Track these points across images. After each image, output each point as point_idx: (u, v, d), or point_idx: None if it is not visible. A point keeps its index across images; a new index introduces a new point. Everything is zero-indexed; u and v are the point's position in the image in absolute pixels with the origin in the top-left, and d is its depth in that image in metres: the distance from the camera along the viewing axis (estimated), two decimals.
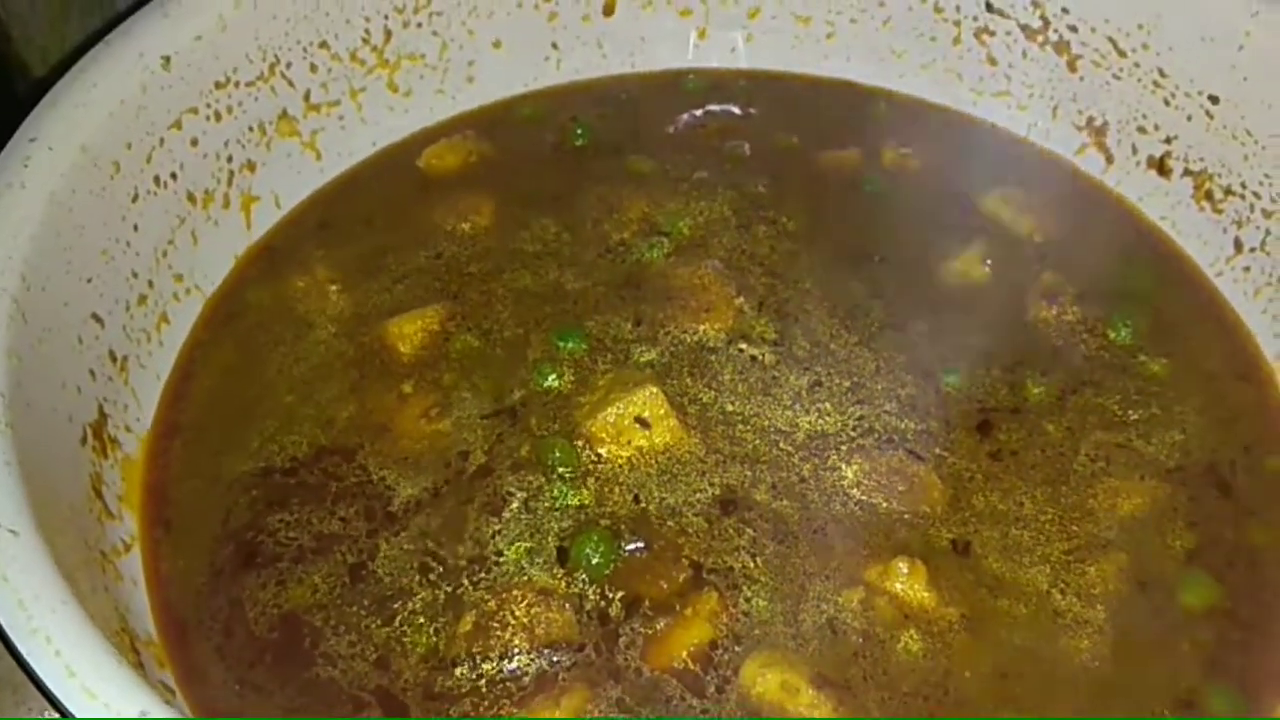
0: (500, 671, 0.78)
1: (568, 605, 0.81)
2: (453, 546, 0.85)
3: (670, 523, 0.86)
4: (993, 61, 1.18)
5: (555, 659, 0.79)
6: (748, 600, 0.82)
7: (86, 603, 0.62)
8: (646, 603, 0.82)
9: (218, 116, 1.00)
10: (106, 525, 0.81)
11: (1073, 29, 1.12)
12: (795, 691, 0.77)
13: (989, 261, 1.05)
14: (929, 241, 1.07)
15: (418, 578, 0.83)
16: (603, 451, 0.90)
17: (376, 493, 0.88)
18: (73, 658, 0.57)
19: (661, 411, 0.90)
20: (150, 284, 0.94)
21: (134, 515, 0.86)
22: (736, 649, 0.80)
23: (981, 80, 1.19)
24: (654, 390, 0.90)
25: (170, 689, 0.76)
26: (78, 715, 0.55)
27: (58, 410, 0.78)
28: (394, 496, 0.88)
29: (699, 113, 1.21)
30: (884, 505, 0.88)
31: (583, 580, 0.83)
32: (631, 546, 0.84)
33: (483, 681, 0.78)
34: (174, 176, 0.96)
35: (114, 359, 0.88)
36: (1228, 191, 1.05)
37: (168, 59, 0.94)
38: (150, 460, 0.90)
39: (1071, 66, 1.13)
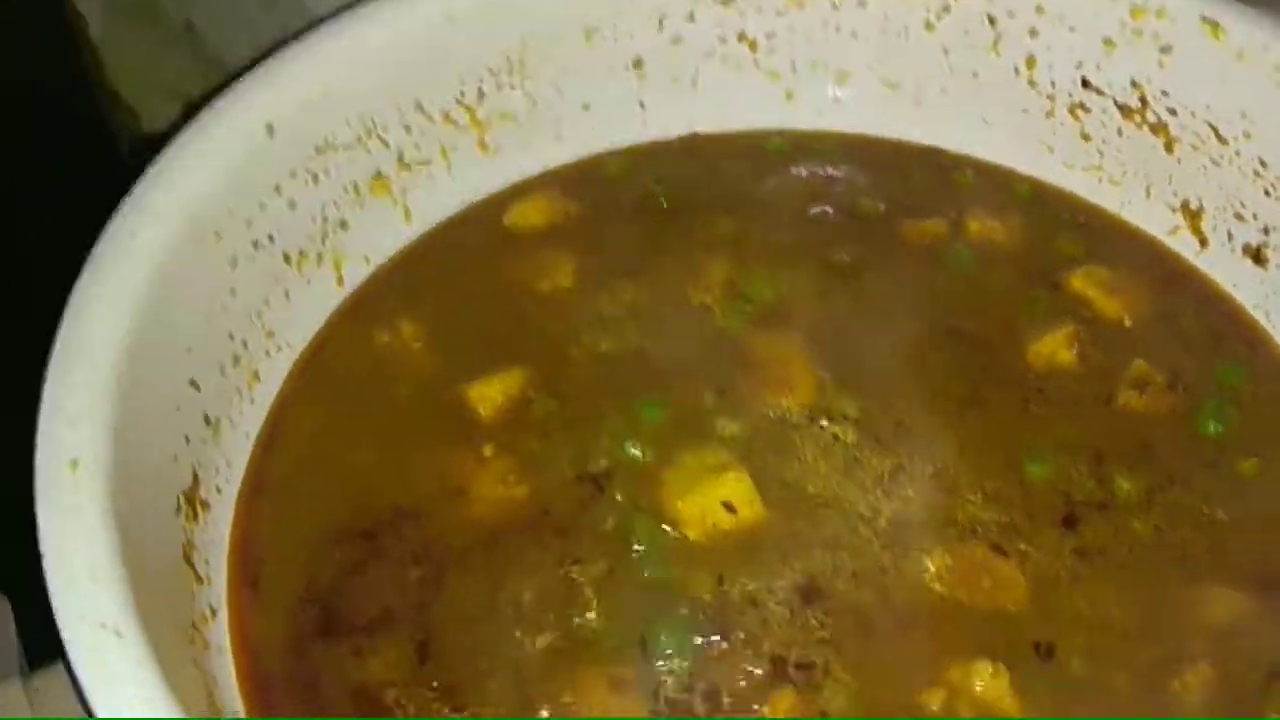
0: None
1: (644, 697, 0.81)
2: (527, 626, 0.84)
3: (751, 611, 0.85)
4: (1086, 137, 1.16)
5: None
6: (827, 699, 0.82)
7: (185, 695, 0.63)
8: (725, 698, 0.81)
9: (315, 179, 1.01)
10: (195, 592, 0.82)
11: (1172, 112, 1.10)
12: None
13: (1077, 345, 1.03)
14: (1014, 319, 1.05)
15: (487, 660, 0.83)
16: (687, 533, 0.89)
17: (449, 560, 0.88)
18: None
19: (747, 495, 0.90)
20: (245, 344, 0.95)
21: (222, 579, 0.87)
22: None
23: (1073, 154, 1.17)
24: (741, 475, 0.90)
25: None
26: None
27: (157, 483, 0.79)
28: (467, 566, 0.88)
29: (784, 175, 1.20)
30: (966, 601, 0.86)
31: (661, 670, 0.83)
32: (713, 636, 0.84)
33: None
34: (271, 239, 0.97)
35: (208, 422, 0.89)
36: None
37: (271, 126, 0.95)
38: (239, 519, 0.91)
39: (1169, 148, 1.11)
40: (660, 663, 0.83)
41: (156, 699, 0.63)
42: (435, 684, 0.82)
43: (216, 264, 0.90)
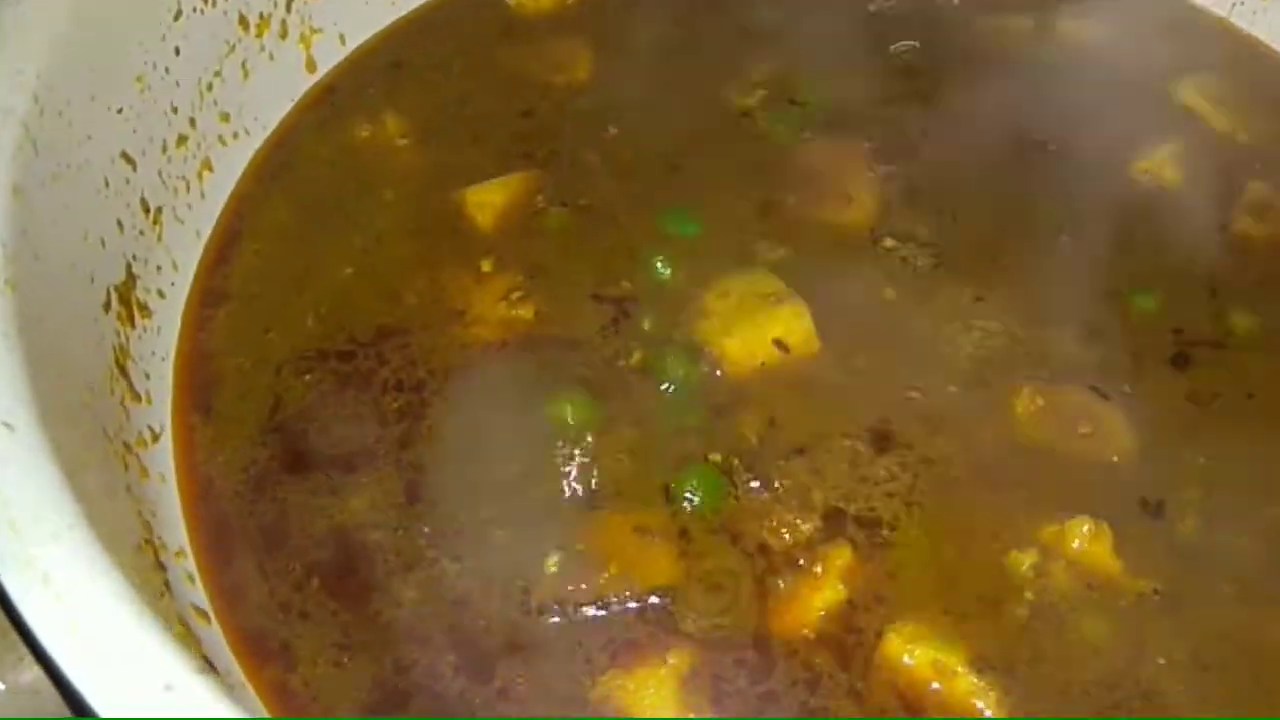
0: (595, 620, 0.65)
1: (672, 547, 0.68)
2: (534, 468, 0.71)
3: (799, 460, 0.71)
4: None
5: (658, 609, 0.65)
6: (894, 558, 0.68)
7: (102, 514, 0.48)
8: (766, 554, 0.68)
9: None
10: (131, 409, 0.68)
11: None
12: (950, 674, 0.64)
13: (1186, 163, 0.88)
14: (1113, 133, 0.90)
15: (489, 504, 0.69)
16: (728, 370, 0.75)
17: (444, 390, 0.74)
18: (78, 605, 0.43)
19: (805, 331, 0.75)
20: (192, 122, 0.80)
21: (166, 398, 0.72)
22: (877, 616, 0.66)
23: None
24: (799, 307, 0.76)
25: (204, 613, 0.63)
26: (78, 683, 0.41)
27: (76, 267, 0.64)
28: (464, 395, 0.74)
29: None
30: (1062, 451, 0.73)
31: (688, 519, 0.69)
32: (752, 484, 0.70)
33: (574, 632, 0.65)
34: None
35: (147, 210, 0.75)
36: None
37: None
38: (188, 332, 0.77)
39: None
40: (687, 510, 0.69)
41: (58, 501, 0.48)
42: (428, 529, 0.68)
43: (152, 9, 0.74)
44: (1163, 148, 0.88)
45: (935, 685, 0.64)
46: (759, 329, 0.76)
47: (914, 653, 0.64)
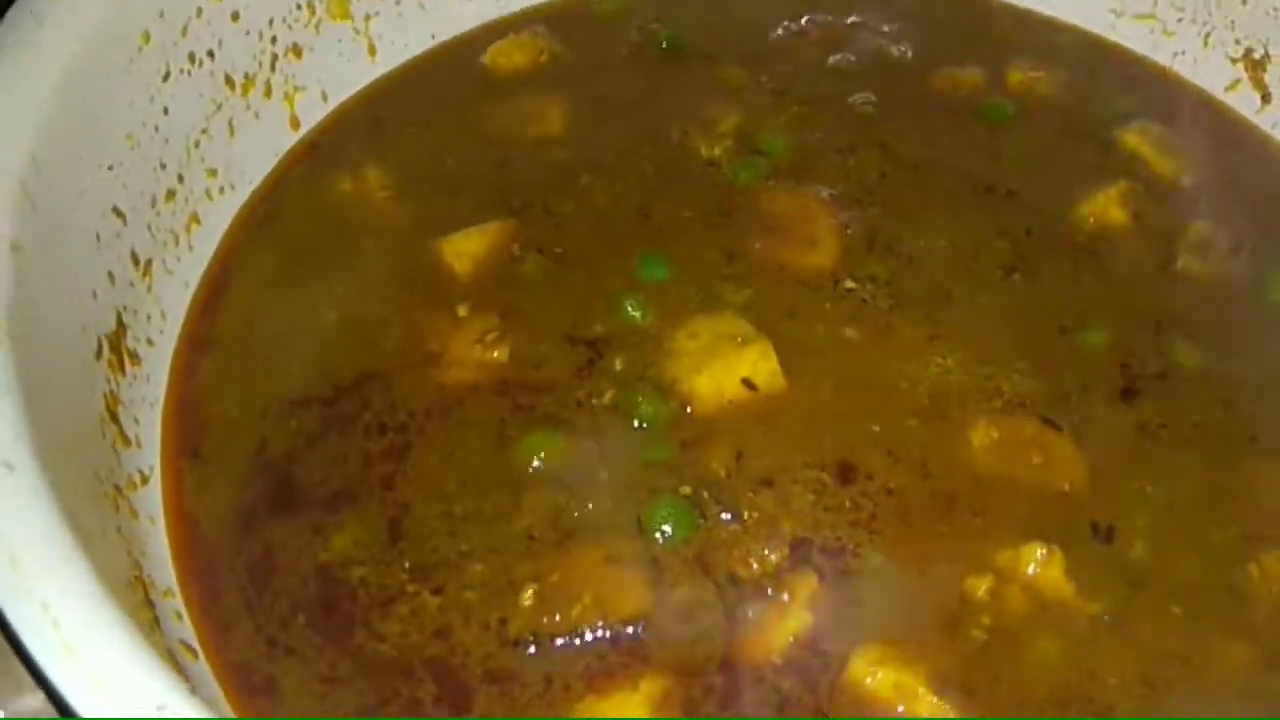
0: (569, 650, 0.67)
1: (643, 577, 0.70)
2: (510, 503, 0.73)
3: (767, 491, 0.74)
4: None
5: (630, 638, 0.68)
6: (856, 584, 0.71)
7: (95, 550, 0.51)
8: (736, 583, 0.71)
9: None
10: (122, 453, 0.70)
11: None
12: (912, 695, 0.66)
13: (1130, 204, 0.92)
14: (1061, 177, 0.94)
15: (467, 539, 0.72)
16: (697, 408, 0.78)
17: (424, 430, 0.77)
18: (75, 631, 0.46)
19: (771, 370, 0.78)
20: (180, 178, 0.83)
21: (155, 443, 0.75)
22: (843, 641, 0.69)
23: (1123, 0, 1.05)
24: (766, 348, 0.79)
25: (192, 649, 0.65)
26: (74, 703, 0.44)
27: (69, 318, 0.67)
28: (442, 436, 0.77)
29: (802, 20, 1.06)
30: (1016, 480, 0.76)
31: (661, 551, 0.71)
32: (723, 515, 0.73)
33: (549, 662, 0.67)
34: (211, 55, 0.84)
35: (137, 262, 0.77)
36: None
37: None
38: (176, 379, 0.79)
39: None
40: (659, 542, 0.71)
41: (55, 537, 0.50)
42: (408, 564, 0.70)
43: (143, 72, 0.77)
44: (1109, 191, 0.92)
45: (899, 707, 0.66)
46: (727, 368, 0.79)
47: (877, 675, 0.67)
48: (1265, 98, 1.00)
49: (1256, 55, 1.00)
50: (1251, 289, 0.88)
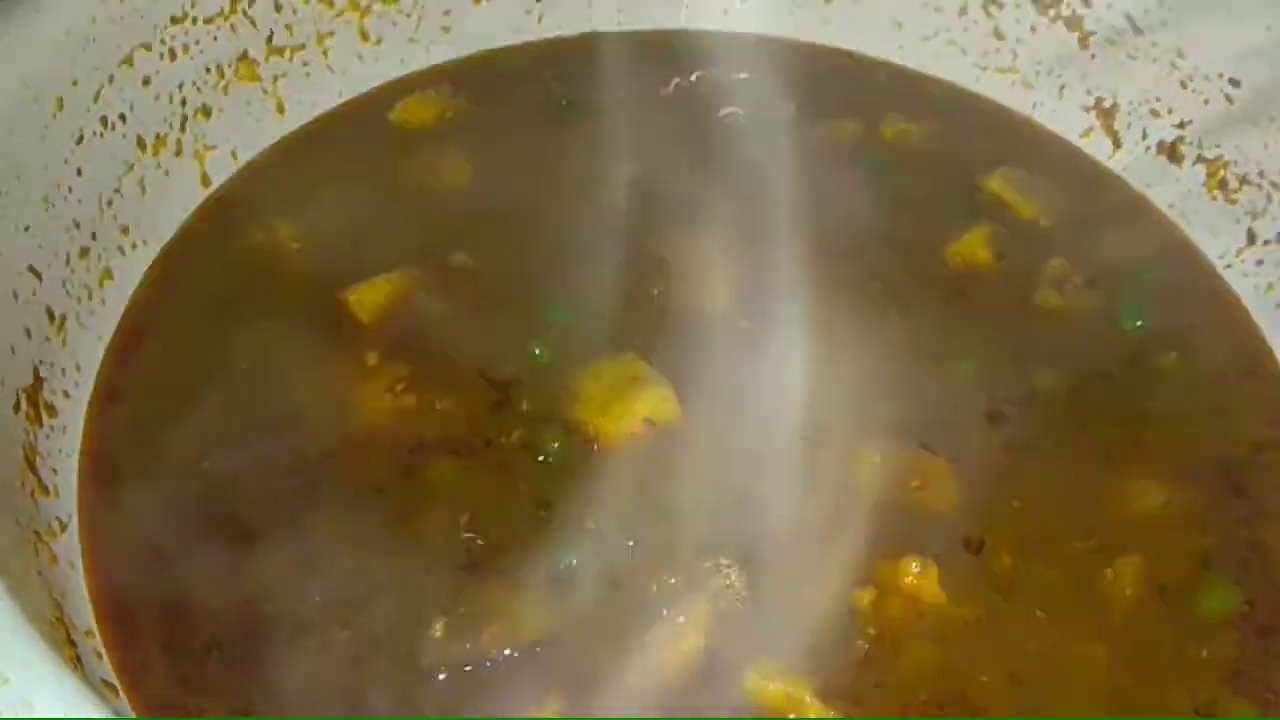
0: (479, 675, 0.71)
1: (547, 605, 0.74)
2: (418, 539, 0.77)
3: (665, 520, 0.79)
4: (999, 36, 1.13)
5: (537, 661, 0.72)
6: (750, 602, 0.76)
7: (20, 592, 0.53)
8: (635, 606, 0.75)
9: (173, 55, 0.91)
10: (40, 502, 0.72)
11: (1087, 4, 1.07)
12: (801, 704, 0.71)
13: (994, 244, 1.00)
14: (931, 220, 1.02)
15: (380, 574, 0.75)
16: (601, 444, 0.83)
17: (333, 473, 0.80)
18: (6, 662, 0.49)
19: (670, 408, 0.84)
20: (94, 236, 0.85)
21: (72, 491, 0.77)
22: (736, 657, 0.73)
23: (986, 55, 1.14)
24: (665, 389, 0.84)
25: (113, 686, 0.68)
26: None
27: None
28: (352, 479, 0.80)
29: (691, 77, 1.13)
30: (895, 499, 0.82)
31: (566, 580, 0.76)
32: (628, 542, 0.78)
33: (460, 688, 0.71)
34: (123, 119, 0.87)
35: (52, 317, 0.80)
36: (1243, 181, 1.01)
37: None
38: (91, 429, 0.81)
39: (1083, 43, 1.09)
40: (563, 568, 0.76)
41: None
42: (319, 598, 0.73)
43: (57, 137, 0.80)
44: (975, 232, 1.00)
45: (791, 716, 0.72)
46: (629, 408, 0.83)
47: (769, 688, 0.72)
48: (1116, 143, 1.10)
49: (1107, 104, 1.09)
50: (1105, 319, 0.96)
